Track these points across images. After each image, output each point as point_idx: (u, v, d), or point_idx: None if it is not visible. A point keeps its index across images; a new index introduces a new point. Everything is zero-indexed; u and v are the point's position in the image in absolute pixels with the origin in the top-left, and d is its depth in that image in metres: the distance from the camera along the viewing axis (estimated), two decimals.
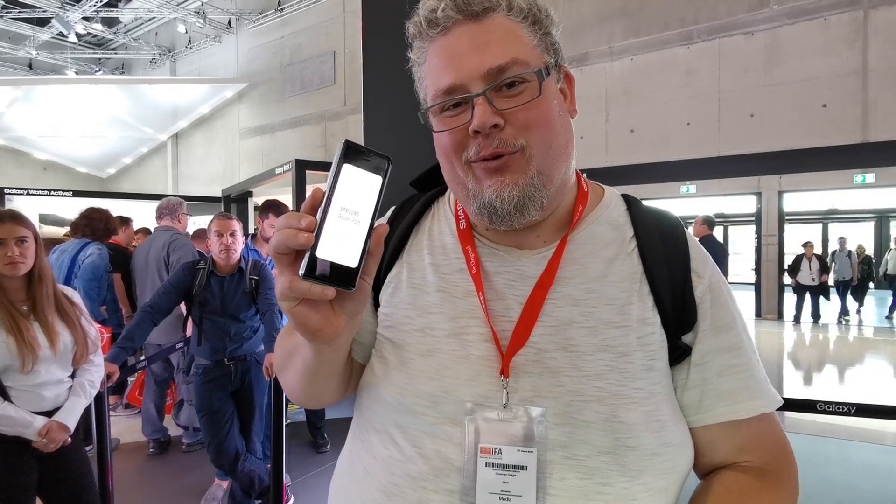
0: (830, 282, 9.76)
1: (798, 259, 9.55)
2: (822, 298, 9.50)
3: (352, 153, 0.46)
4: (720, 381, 0.63)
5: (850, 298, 10.17)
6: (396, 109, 1.30)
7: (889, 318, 9.91)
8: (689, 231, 0.71)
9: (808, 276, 9.32)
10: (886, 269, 10.24)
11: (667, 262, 0.65)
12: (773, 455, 0.65)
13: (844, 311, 9.89)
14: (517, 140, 0.59)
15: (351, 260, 0.46)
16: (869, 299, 10.67)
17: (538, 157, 0.60)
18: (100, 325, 3.35)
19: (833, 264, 9.94)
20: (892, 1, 8.40)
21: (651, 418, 0.58)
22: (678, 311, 0.63)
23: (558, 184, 0.64)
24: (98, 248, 3.67)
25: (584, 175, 0.73)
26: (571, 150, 0.66)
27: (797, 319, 9.50)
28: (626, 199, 0.72)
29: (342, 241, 0.46)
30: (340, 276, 0.46)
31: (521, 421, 0.59)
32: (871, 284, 10.48)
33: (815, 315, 9.54)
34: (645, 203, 0.72)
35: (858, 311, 10.29)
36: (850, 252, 10.05)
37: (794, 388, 5.61)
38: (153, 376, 3.67)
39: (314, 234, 0.45)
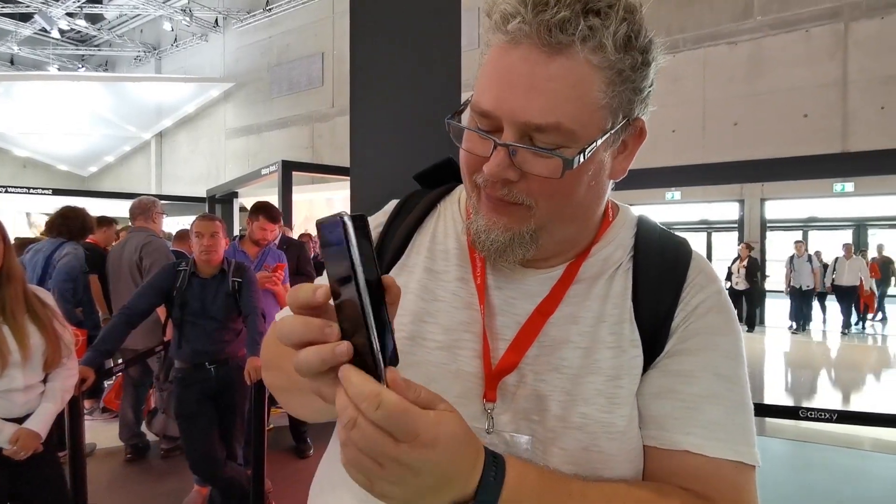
0: (778, 287, 9.32)
1: (733, 262, 9.33)
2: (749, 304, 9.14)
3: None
4: (653, 403, 0.58)
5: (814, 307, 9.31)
6: (384, 112, 1.28)
7: (845, 332, 9.11)
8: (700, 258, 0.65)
9: (734, 279, 9.10)
10: (833, 280, 9.09)
11: (658, 284, 0.61)
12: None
13: (806, 319, 9.22)
14: (526, 198, 0.55)
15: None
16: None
17: (542, 217, 0.56)
18: (75, 328, 3.27)
19: (791, 271, 9.28)
20: (872, 14, 8.62)
21: (629, 446, 0.57)
22: (653, 336, 0.60)
23: (562, 238, 0.61)
24: (74, 247, 3.57)
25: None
26: (595, 210, 0.61)
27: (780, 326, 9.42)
28: (640, 219, 0.69)
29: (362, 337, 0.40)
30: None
31: (503, 447, 0.57)
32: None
33: (748, 322, 9.13)
34: (660, 226, 0.68)
35: (800, 328, 9.24)
36: (809, 257, 9.14)
37: (773, 394, 5.69)
38: (131, 381, 3.59)
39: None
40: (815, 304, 9.56)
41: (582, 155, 0.52)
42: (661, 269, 0.62)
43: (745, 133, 9.36)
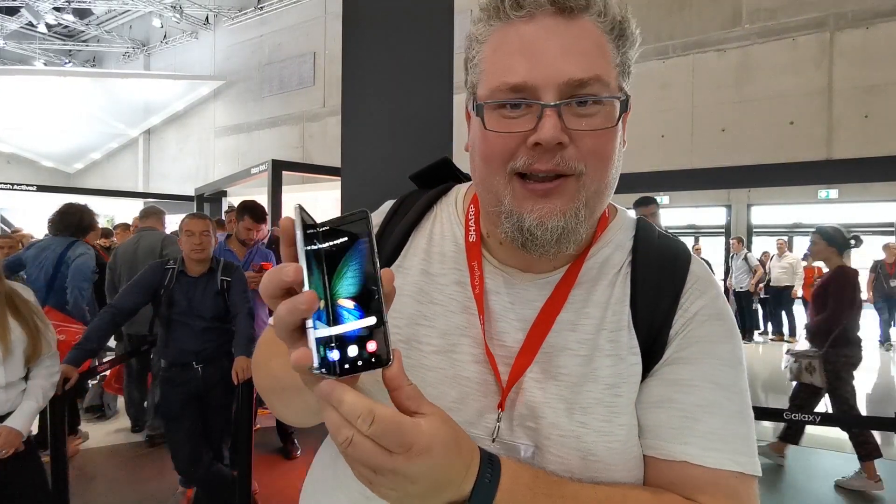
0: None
1: None
2: None
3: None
4: (651, 412, 0.57)
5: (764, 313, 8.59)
6: (376, 113, 1.28)
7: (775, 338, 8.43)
8: (699, 264, 0.64)
9: None
10: (769, 281, 8.45)
11: (656, 290, 0.60)
12: None
13: (750, 324, 8.47)
14: (578, 164, 0.54)
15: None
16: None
17: (590, 187, 0.55)
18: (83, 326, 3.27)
19: (731, 271, 8.70)
20: (857, 25, 8.77)
21: (628, 455, 0.56)
22: (651, 343, 0.59)
23: (597, 218, 0.60)
24: (87, 248, 3.57)
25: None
26: (611, 191, 0.59)
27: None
28: (639, 222, 0.67)
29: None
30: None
31: (504, 454, 0.55)
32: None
33: None
34: (658, 229, 0.67)
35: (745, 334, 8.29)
36: (746, 255, 8.47)
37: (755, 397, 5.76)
38: (130, 369, 3.75)
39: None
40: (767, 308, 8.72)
41: (625, 100, 0.55)
42: (659, 274, 0.61)
43: (732, 139, 9.48)
